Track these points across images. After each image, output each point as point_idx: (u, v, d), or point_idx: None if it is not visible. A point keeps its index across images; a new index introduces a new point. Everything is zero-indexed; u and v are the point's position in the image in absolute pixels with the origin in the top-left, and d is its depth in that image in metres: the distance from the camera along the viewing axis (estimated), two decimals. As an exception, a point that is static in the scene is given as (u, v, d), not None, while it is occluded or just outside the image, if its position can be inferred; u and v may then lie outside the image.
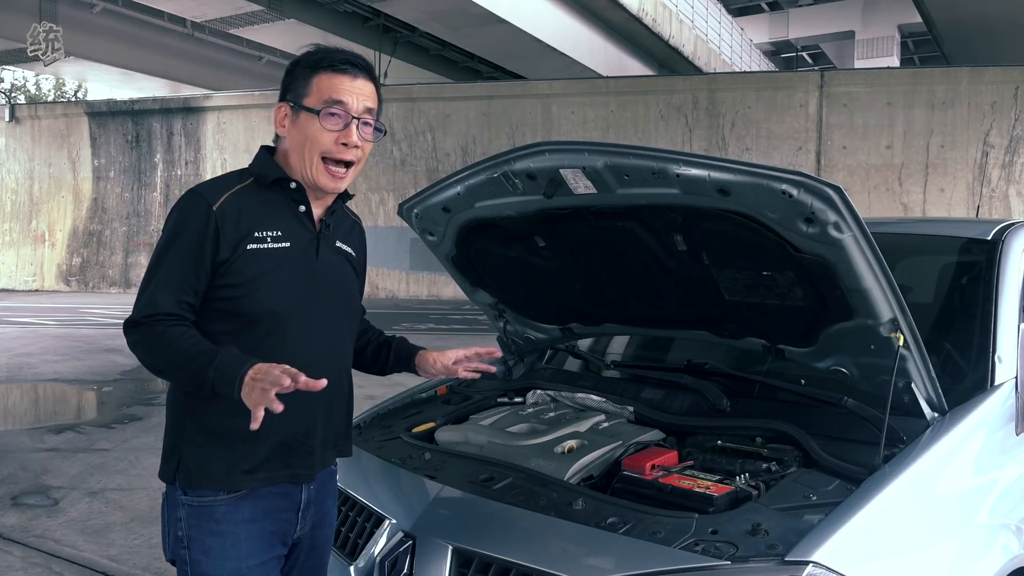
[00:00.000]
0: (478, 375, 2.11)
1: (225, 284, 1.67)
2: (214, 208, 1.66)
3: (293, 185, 1.76)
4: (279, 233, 1.72)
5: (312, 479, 1.81)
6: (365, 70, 1.78)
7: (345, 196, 1.87)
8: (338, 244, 1.86)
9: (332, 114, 1.72)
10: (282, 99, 1.78)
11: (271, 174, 1.76)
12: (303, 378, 1.51)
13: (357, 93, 1.74)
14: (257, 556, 1.73)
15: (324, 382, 1.54)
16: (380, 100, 1.81)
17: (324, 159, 1.73)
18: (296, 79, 1.76)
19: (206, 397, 1.62)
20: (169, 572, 3.83)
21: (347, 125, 1.73)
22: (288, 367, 1.53)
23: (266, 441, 1.70)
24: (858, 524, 1.61)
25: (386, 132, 1.82)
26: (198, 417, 1.70)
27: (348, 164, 1.76)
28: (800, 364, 2.20)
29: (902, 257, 2.73)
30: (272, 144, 1.83)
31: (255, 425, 1.51)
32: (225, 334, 1.67)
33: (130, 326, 1.68)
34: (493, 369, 2.14)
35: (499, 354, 2.03)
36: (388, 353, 2.10)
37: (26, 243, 23.82)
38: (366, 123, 1.76)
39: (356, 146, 1.75)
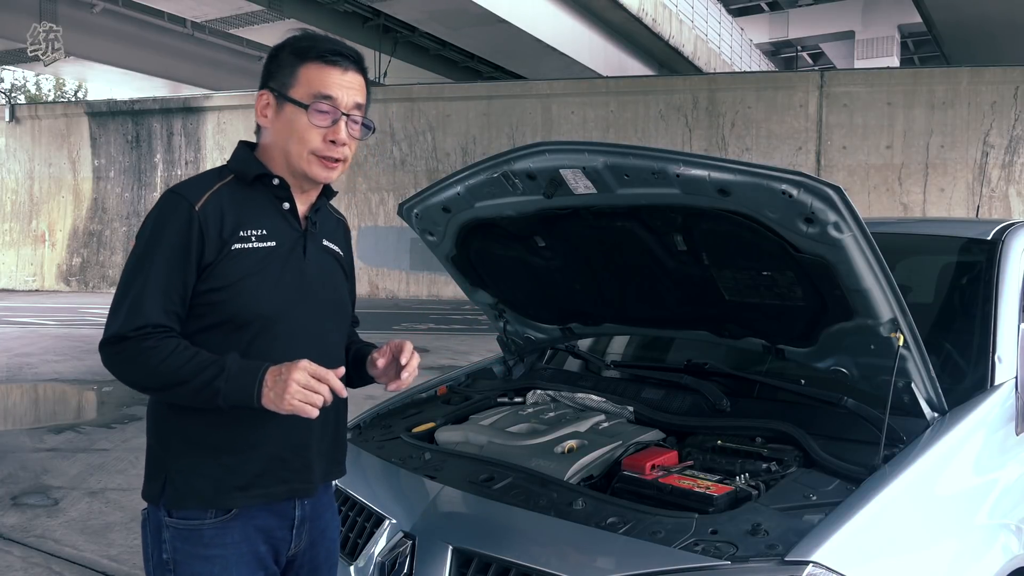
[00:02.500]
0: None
1: (209, 288, 1.57)
2: (196, 208, 1.56)
3: (276, 181, 1.66)
4: (264, 232, 1.62)
5: (311, 494, 1.71)
6: (355, 62, 1.68)
7: (329, 193, 1.79)
8: (325, 243, 1.77)
9: (321, 110, 1.62)
10: (264, 86, 1.66)
11: (252, 170, 1.66)
12: (322, 373, 1.49)
13: (347, 87, 1.64)
14: None
15: (344, 392, 1.52)
16: (369, 95, 1.72)
17: (314, 155, 1.65)
18: (281, 66, 1.65)
19: (211, 410, 1.53)
20: (169, 572, 3.80)
21: (336, 122, 1.63)
22: (310, 363, 1.49)
23: (259, 454, 1.61)
24: (858, 524, 1.61)
25: (374, 129, 1.72)
26: (185, 431, 1.60)
27: (337, 160, 1.67)
28: (800, 364, 2.20)
29: (902, 257, 2.73)
30: (253, 139, 1.74)
31: (314, 413, 1.48)
32: (210, 339, 1.57)
33: (114, 342, 1.53)
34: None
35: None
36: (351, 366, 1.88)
37: (26, 243, 23.81)
38: (354, 120, 1.67)
39: (344, 144, 1.65)
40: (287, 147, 1.65)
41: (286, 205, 1.68)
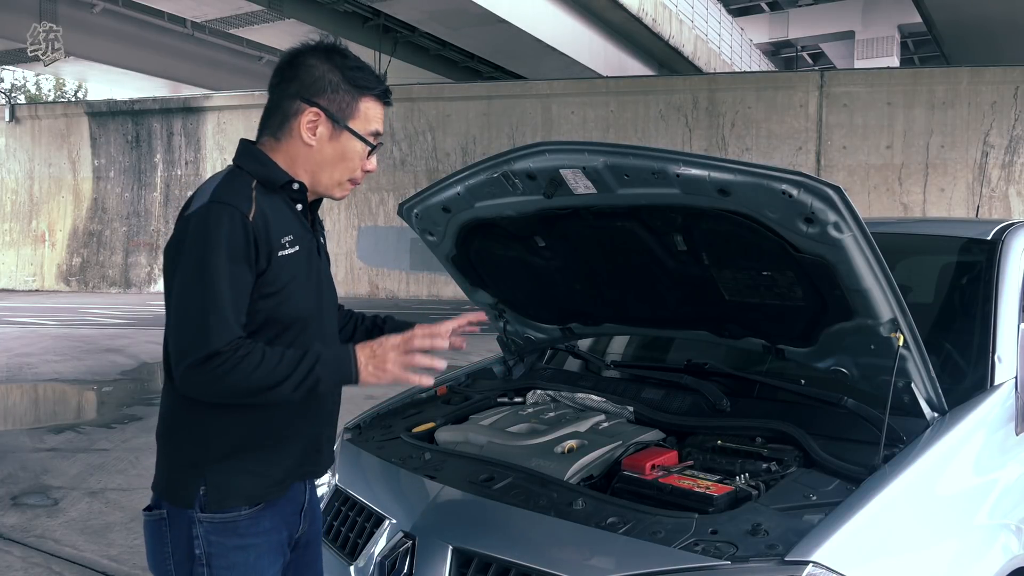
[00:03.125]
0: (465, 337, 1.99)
1: (262, 294, 1.62)
2: (250, 218, 1.59)
3: (296, 186, 1.70)
4: (292, 237, 1.67)
5: (320, 474, 1.84)
6: None
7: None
8: (322, 240, 1.85)
9: (378, 146, 1.75)
10: (309, 102, 1.68)
11: (279, 178, 1.69)
12: (417, 338, 1.66)
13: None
14: (276, 564, 1.73)
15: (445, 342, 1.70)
16: None
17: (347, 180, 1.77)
18: (339, 94, 1.69)
19: (249, 409, 1.62)
20: (169, 572, 3.80)
21: (371, 153, 1.76)
22: (396, 337, 1.64)
23: (292, 448, 1.71)
24: (858, 524, 1.61)
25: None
26: (226, 432, 1.64)
27: None
28: (800, 364, 2.20)
29: (902, 257, 2.73)
30: (253, 140, 1.75)
31: (429, 381, 1.64)
32: (260, 341, 1.61)
33: (208, 360, 1.52)
34: (477, 329, 2.03)
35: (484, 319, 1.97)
36: (383, 331, 2.00)
37: (26, 243, 23.82)
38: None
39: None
40: (329, 168, 1.72)
41: (299, 207, 1.73)
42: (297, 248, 1.68)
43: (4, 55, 26.59)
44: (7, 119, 23.99)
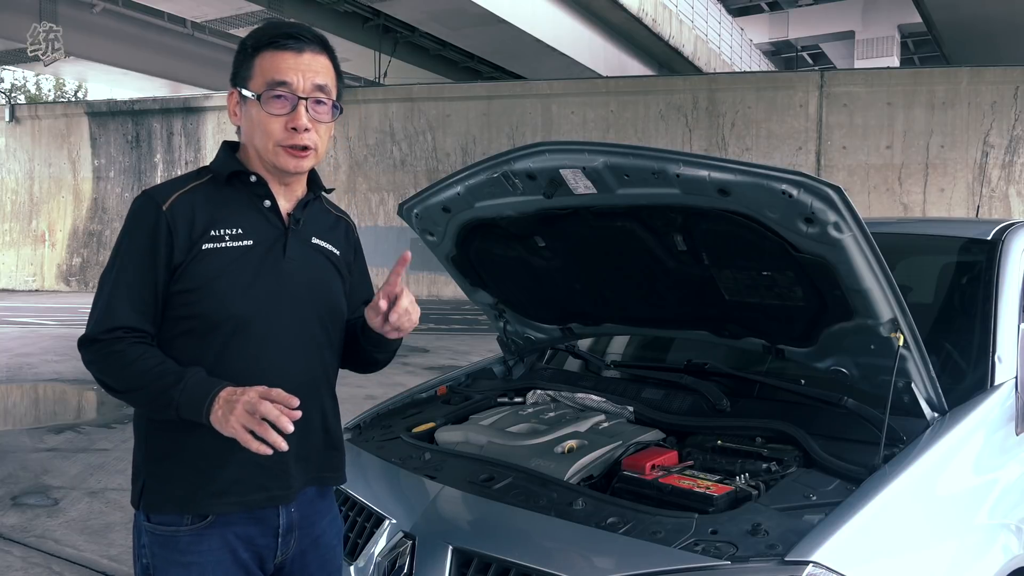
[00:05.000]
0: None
1: (181, 289, 1.53)
2: (164, 208, 1.53)
3: (253, 179, 1.62)
4: (239, 231, 1.57)
5: (289, 500, 1.63)
6: (314, 42, 1.61)
7: (318, 186, 1.72)
8: (315, 241, 1.69)
9: (276, 96, 1.56)
10: (232, 85, 1.63)
11: (227, 168, 1.62)
12: (276, 392, 1.43)
13: (303, 70, 1.57)
14: None
15: (297, 401, 1.44)
16: (339, 75, 1.66)
17: (280, 146, 1.59)
18: (241, 62, 1.61)
19: (169, 420, 1.52)
20: (169, 572, 3.80)
21: (295, 108, 1.57)
22: (263, 388, 1.45)
23: (235, 460, 1.54)
24: (858, 524, 1.61)
25: (342, 110, 1.65)
26: (160, 436, 1.58)
27: (305, 147, 1.59)
28: (800, 364, 2.20)
29: (902, 257, 2.73)
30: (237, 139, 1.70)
31: (262, 449, 1.41)
32: (187, 342, 1.55)
33: (87, 343, 1.54)
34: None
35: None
36: (356, 335, 1.79)
37: (26, 243, 23.81)
38: (318, 101, 1.59)
39: (307, 129, 1.58)
40: (255, 142, 1.61)
41: (267, 203, 1.63)
42: (248, 243, 1.58)
43: (4, 55, 26.58)
44: (7, 119, 23.98)
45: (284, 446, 1.43)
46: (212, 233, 1.55)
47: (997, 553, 1.82)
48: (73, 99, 38.70)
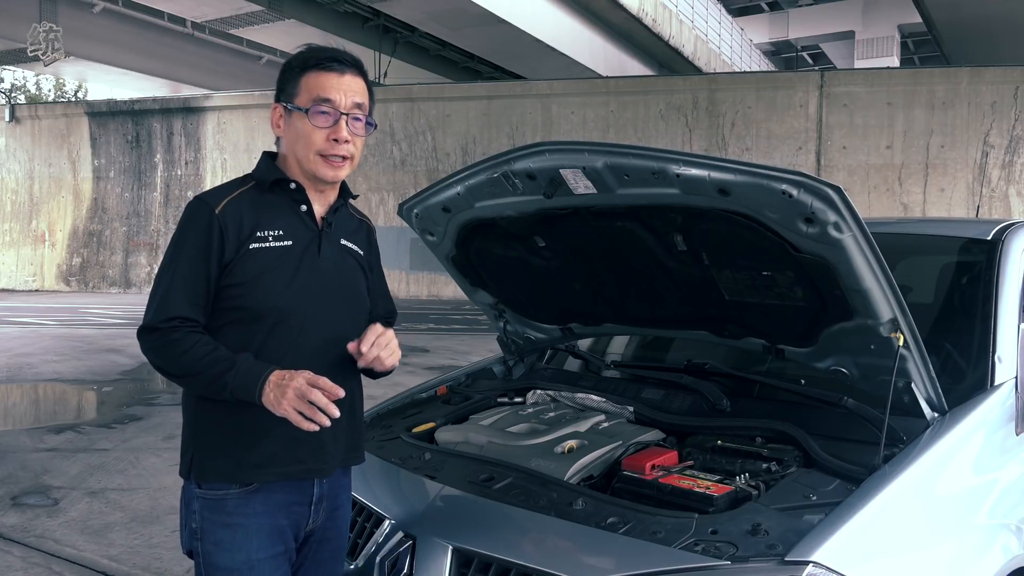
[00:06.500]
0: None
1: (230, 283, 1.72)
2: (216, 211, 1.73)
3: (293, 185, 1.81)
4: (280, 232, 1.77)
5: (327, 474, 1.84)
6: (353, 66, 1.82)
7: (347, 193, 1.92)
8: (343, 242, 1.88)
9: (321, 112, 1.77)
10: (277, 100, 1.84)
11: (270, 176, 1.81)
12: (323, 381, 1.62)
13: (345, 89, 1.78)
14: (267, 549, 1.76)
15: (342, 391, 1.63)
16: (371, 96, 1.86)
17: (320, 155, 1.79)
18: (287, 80, 1.82)
19: (215, 400, 1.70)
20: (169, 572, 3.83)
21: (336, 122, 1.77)
22: (310, 374, 1.64)
23: (274, 436, 1.73)
24: (858, 524, 1.61)
25: (376, 126, 1.88)
26: (208, 413, 1.75)
27: (343, 157, 1.81)
28: (800, 364, 2.20)
29: (902, 257, 2.73)
30: (275, 149, 1.89)
31: (311, 427, 1.61)
32: (233, 331, 1.73)
33: (146, 331, 1.71)
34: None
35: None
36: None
37: (26, 243, 23.82)
38: (356, 118, 1.80)
39: (347, 141, 1.79)
40: (297, 151, 1.79)
41: (303, 207, 1.82)
42: (288, 243, 1.77)
43: (4, 55, 26.60)
44: (7, 119, 23.99)
45: (328, 423, 1.64)
46: (258, 234, 1.75)
47: (997, 553, 1.82)
48: (73, 99, 38.71)
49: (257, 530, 1.75)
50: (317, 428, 1.62)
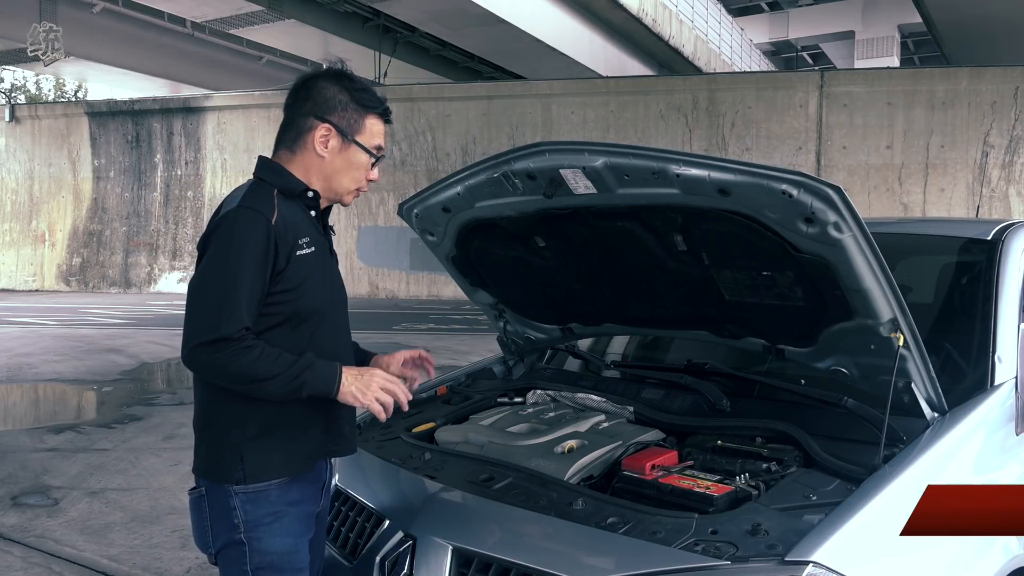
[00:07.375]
0: (417, 375, 2.13)
1: (281, 289, 1.81)
2: (272, 222, 1.80)
3: (311, 194, 1.91)
4: (308, 239, 1.88)
5: (352, 450, 2.02)
6: None
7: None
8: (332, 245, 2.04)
9: (380, 157, 1.96)
10: (322, 119, 1.89)
11: (297, 186, 1.90)
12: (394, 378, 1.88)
13: (385, 139, 1.99)
14: (304, 534, 1.90)
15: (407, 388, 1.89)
16: None
17: (356, 188, 1.97)
18: (347, 112, 1.91)
19: (262, 401, 1.80)
20: (169, 572, 3.82)
21: (374, 165, 1.97)
22: (380, 371, 1.87)
23: (317, 426, 1.89)
24: (858, 524, 1.61)
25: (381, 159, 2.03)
26: (260, 414, 1.83)
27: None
28: (800, 364, 2.20)
29: (902, 257, 2.73)
30: (270, 152, 1.96)
31: (384, 417, 1.82)
32: (279, 334, 1.82)
33: (219, 343, 1.72)
34: (427, 377, 2.20)
35: (431, 369, 2.17)
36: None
37: (26, 243, 23.81)
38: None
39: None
40: (339, 177, 1.93)
41: (313, 213, 1.94)
42: (313, 249, 1.88)
43: (4, 55, 26.60)
44: (7, 119, 23.98)
45: (405, 409, 1.88)
46: (299, 242, 1.85)
47: (997, 553, 1.82)
48: (73, 99, 38.70)
49: (298, 516, 1.88)
50: (386, 417, 1.82)
